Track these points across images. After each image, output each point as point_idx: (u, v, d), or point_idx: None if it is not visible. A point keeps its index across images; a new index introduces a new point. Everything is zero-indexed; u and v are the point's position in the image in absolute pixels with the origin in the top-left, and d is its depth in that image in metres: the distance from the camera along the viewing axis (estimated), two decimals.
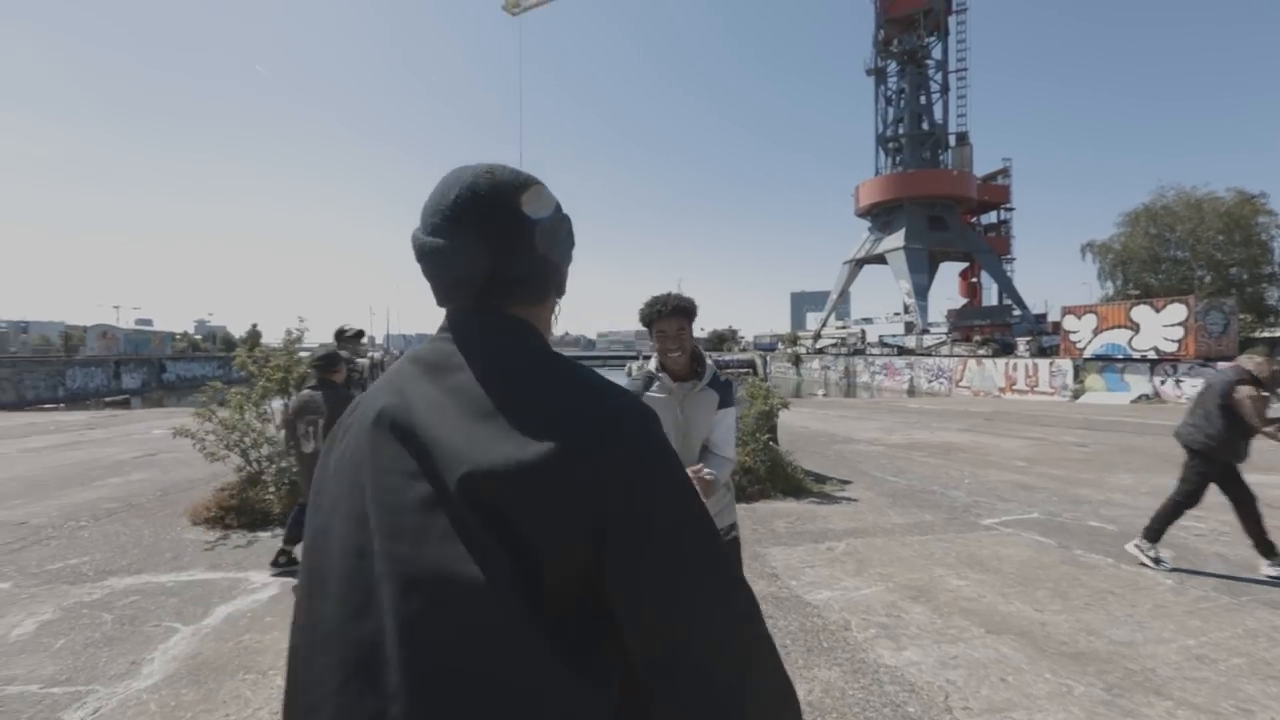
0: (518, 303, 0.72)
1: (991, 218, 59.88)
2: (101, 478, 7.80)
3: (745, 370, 8.35)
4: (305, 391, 4.00)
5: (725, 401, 2.26)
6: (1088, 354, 21.91)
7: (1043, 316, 48.25)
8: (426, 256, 0.70)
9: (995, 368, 25.65)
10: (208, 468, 5.85)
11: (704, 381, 2.23)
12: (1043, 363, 23.59)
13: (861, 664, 2.98)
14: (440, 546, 0.58)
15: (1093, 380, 21.31)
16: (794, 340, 56.29)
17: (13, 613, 3.61)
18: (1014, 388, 24.24)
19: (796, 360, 45.35)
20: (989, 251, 54.28)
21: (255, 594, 3.88)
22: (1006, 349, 31.78)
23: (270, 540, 5.05)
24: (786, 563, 4.45)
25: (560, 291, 0.78)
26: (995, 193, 57.48)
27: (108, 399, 28.42)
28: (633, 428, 0.64)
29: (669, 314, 2.18)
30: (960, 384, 27.55)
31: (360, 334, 6.06)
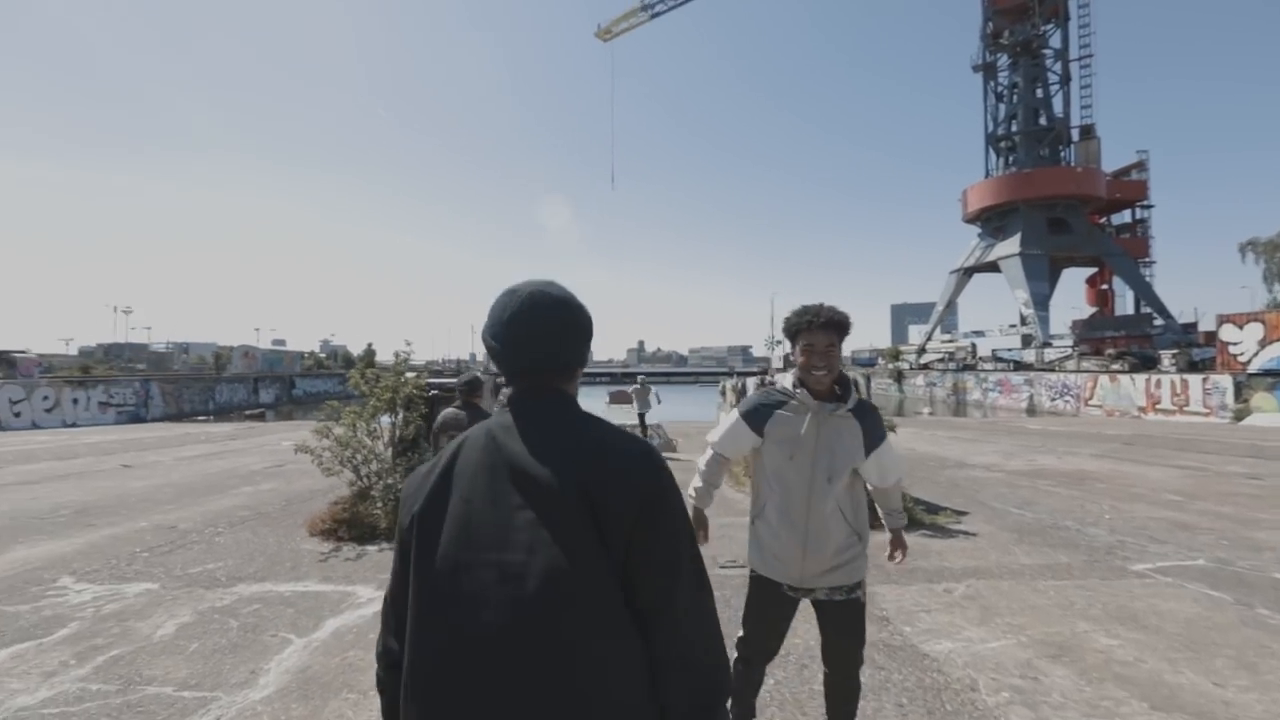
0: (561, 380, 1.00)
1: (1125, 218, 54.07)
2: (237, 486, 8.60)
3: None
4: (450, 410, 4.31)
5: (873, 439, 2.03)
6: (1252, 368, 19.10)
7: (1192, 326, 42.78)
8: (505, 347, 0.98)
9: (1134, 384, 22.91)
10: (326, 479, 6.27)
11: (847, 406, 2.00)
12: (1194, 379, 20.78)
13: None
14: (549, 551, 0.84)
15: (1260, 399, 18.48)
16: (896, 355, 53.41)
17: (158, 613, 3.97)
18: (1157, 407, 21.51)
19: (899, 376, 42.91)
20: (1122, 254, 48.96)
21: (361, 609, 4.04)
22: (1147, 363, 28.43)
23: (377, 555, 5.30)
24: (899, 605, 4.07)
25: (583, 365, 1.03)
26: (1129, 189, 51.89)
27: (247, 412, 31.77)
28: (654, 460, 0.94)
29: (820, 327, 1.94)
30: (1090, 402, 24.86)
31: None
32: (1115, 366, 28.11)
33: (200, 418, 27.30)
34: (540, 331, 0.97)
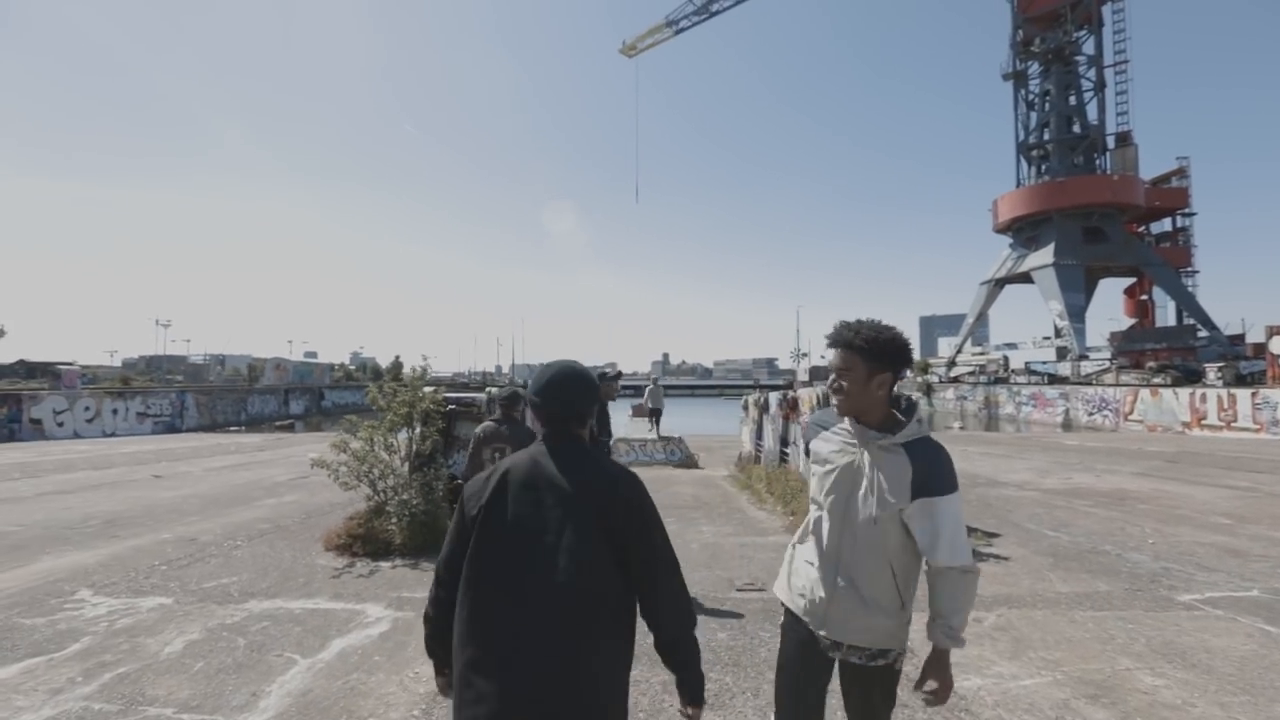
0: (575, 425, 1.54)
1: (1165, 226, 52.36)
2: (261, 498, 8.69)
3: None
4: (489, 423, 4.35)
5: (925, 484, 1.64)
6: None
7: (1239, 338, 41.10)
8: (549, 403, 1.52)
9: (1177, 399, 21.98)
10: (347, 493, 6.28)
11: (895, 439, 1.69)
12: (1242, 393, 19.85)
13: None
14: (575, 540, 1.37)
15: None
16: (925, 368, 52.35)
17: (168, 630, 3.96)
18: (1203, 422, 20.58)
19: (928, 389, 41.94)
20: (1162, 264, 47.35)
21: (368, 629, 3.98)
22: (1190, 376, 27.30)
23: (390, 571, 5.25)
24: (923, 636, 3.84)
25: (591, 414, 1.59)
26: (1169, 196, 50.28)
27: (277, 423, 32.42)
28: (637, 481, 1.50)
29: (833, 345, 1.77)
30: (1129, 417, 23.93)
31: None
32: (1157, 380, 27.06)
33: (232, 428, 27.93)
34: (563, 393, 1.54)
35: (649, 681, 3.22)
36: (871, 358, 1.71)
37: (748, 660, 3.55)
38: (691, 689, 1.49)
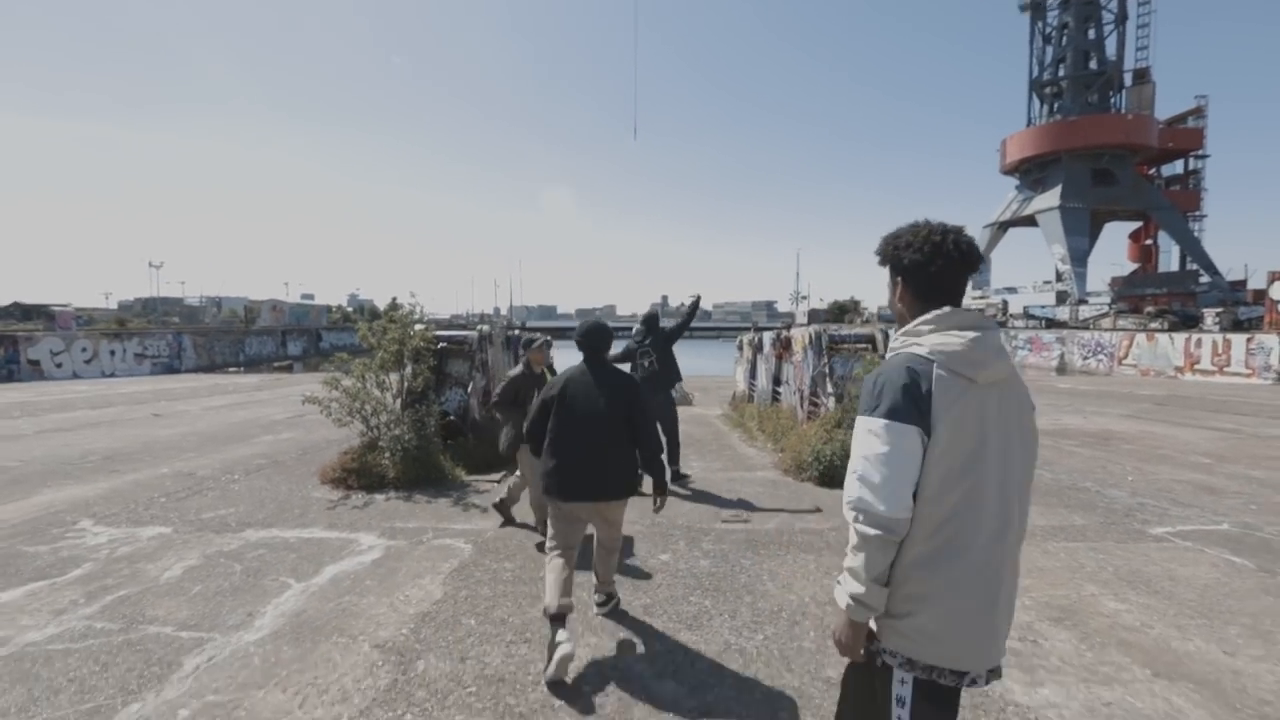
0: (603, 353, 3.11)
1: (1176, 169, 51.04)
2: (258, 435, 8.80)
3: (863, 346, 7.64)
4: (517, 371, 4.60)
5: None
6: None
7: (1240, 284, 40.74)
8: (584, 340, 3.11)
9: (1172, 343, 22.02)
10: (342, 430, 6.35)
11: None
12: (1237, 338, 19.86)
13: (985, 699, 2.53)
14: (610, 413, 2.93)
15: None
16: None
17: (167, 557, 4.08)
18: (1196, 367, 20.69)
19: None
20: (1169, 208, 46.40)
21: (360, 556, 4.10)
22: (1188, 322, 27.26)
23: (384, 503, 5.37)
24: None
25: (609, 349, 3.19)
26: (1183, 137, 48.69)
27: (275, 364, 32.53)
28: (635, 382, 3.10)
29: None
30: (1124, 361, 24.03)
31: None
32: (1153, 325, 27.05)
33: (230, 369, 28.04)
34: (591, 338, 3.08)
35: (631, 604, 3.36)
36: (896, 272, 1.59)
37: (727, 586, 3.67)
38: (658, 485, 3.06)
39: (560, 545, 2.96)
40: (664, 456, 3.16)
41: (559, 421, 2.91)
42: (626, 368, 6.74)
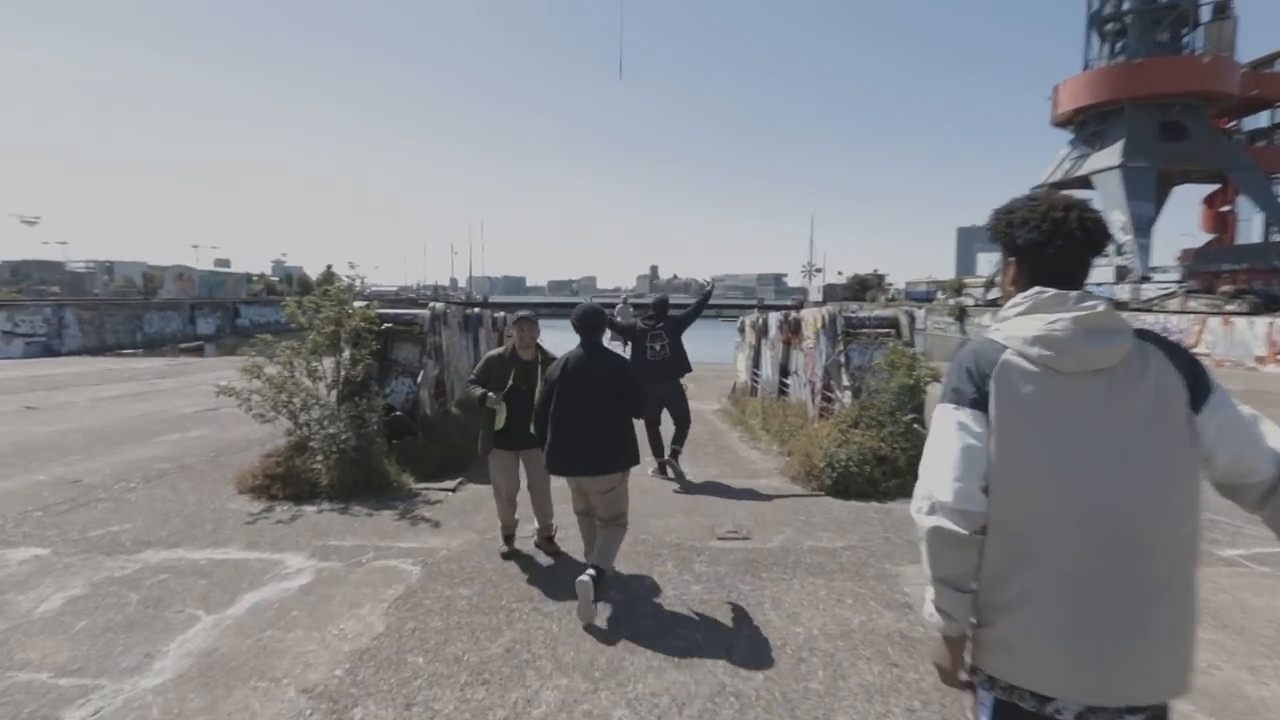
0: (597, 335, 4.15)
1: (1261, 121, 51.55)
2: (162, 433, 8.69)
3: (885, 331, 7.68)
4: (496, 353, 4.96)
5: (1201, 385, 1.42)
6: None
7: None
8: (579, 324, 4.09)
9: (1252, 329, 22.42)
10: (265, 427, 6.29)
11: (1134, 349, 1.42)
12: None
13: None
14: (605, 391, 3.96)
15: None
16: (959, 288, 52.65)
17: (45, 585, 4.02)
18: (1279, 357, 21.14)
19: (961, 313, 42.35)
20: (1252, 168, 46.94)
21: (286, 581, 4.08)
22: (1272, 304, 27.75)
23: (315, 516, 5.33)
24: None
25: (603, 330, 4.25)
26: (1270, 84, 49.02)
27: (182, 345, 32.11)
28: (626, 362, 5.21)
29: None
30: (1195, 350, 24.47)
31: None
32: (1230, 307, 27.53)
33: (125, 351, 27.58)
34: (585, 322, 4.08)
35: (608, 638, 3.39)
36: (1007, 249, 1.66)
37: (722, 616, 3.70)
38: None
39: (577, 512, 4.20)
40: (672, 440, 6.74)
41: (559, 402, 3.90)
42: (621, 348, 7.83)
